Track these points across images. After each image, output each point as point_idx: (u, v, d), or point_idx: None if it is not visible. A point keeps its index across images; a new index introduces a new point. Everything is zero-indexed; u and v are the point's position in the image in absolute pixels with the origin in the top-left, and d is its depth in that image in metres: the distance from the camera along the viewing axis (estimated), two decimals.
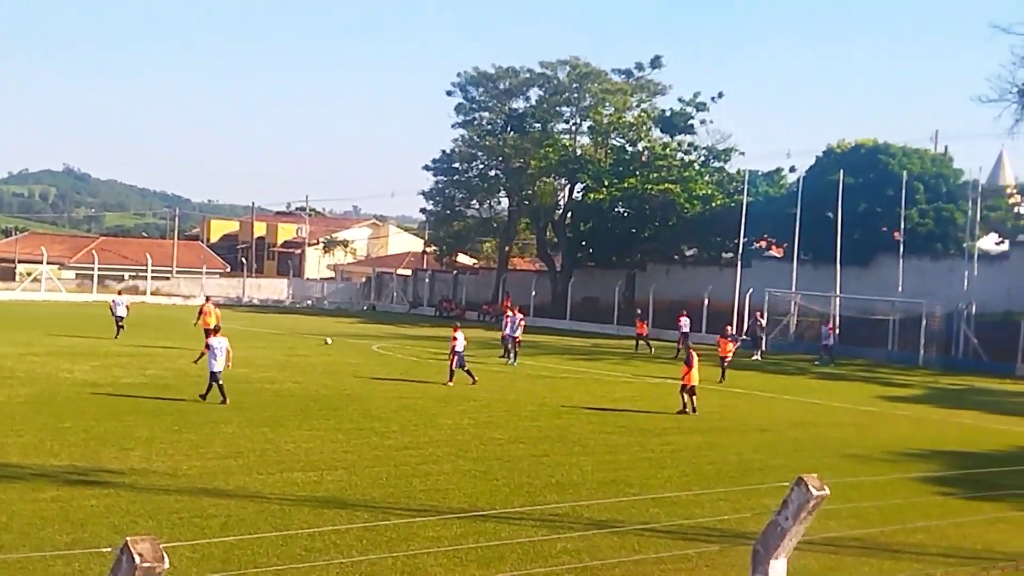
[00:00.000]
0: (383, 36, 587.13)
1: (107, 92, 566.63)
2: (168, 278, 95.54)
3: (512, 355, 41.16)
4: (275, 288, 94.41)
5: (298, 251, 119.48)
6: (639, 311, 57.93)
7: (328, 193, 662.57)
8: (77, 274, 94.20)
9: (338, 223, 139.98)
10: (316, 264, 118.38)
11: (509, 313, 44.33)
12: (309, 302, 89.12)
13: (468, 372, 32.59)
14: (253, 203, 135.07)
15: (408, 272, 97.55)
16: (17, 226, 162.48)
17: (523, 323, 42.94)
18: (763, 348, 53.84)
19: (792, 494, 6.53)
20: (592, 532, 14.34)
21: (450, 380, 32.21)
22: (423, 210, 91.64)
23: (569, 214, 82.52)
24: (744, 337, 52.93)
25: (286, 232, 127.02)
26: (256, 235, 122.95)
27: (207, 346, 25.98)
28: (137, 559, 4.38)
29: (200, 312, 41.11)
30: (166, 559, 4.53)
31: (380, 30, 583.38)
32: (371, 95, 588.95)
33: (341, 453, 19.63)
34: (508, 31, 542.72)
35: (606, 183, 74.96)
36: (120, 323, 44.93)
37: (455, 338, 32.76)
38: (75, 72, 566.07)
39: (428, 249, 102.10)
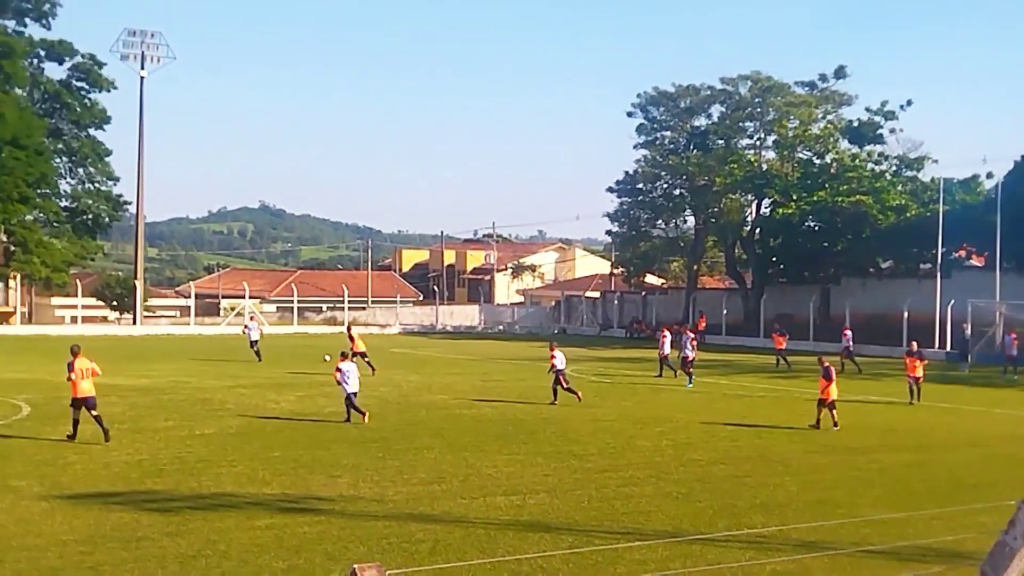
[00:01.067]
0: (563, 61, 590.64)
1: (298, 131, 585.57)
2: (364, 308, 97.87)
3: (682, 375, 40.91)
4: (467, 314, 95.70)
5: (487, 277, 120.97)
6: (777, 325, 56.37)
7: (514, 219, 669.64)
8: (278, 307, 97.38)
9: (525, 248, 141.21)
10: (505, 289, 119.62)
11: (666, 332, 44.20)
12: (500, 327, 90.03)
13: (570, 390, 32.49)
14: (442, 232, 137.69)
15: (596, 294, 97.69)
16: (219, 263, 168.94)
17: (695, 342, 42.32)
18: (970, 360, 51.96)
19: (1020, 513, 6.26)
20: (802, 555, 14.02)
21: (555, 399, 32.31)
22: (609, 232, 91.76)
23: (757, 230, 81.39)
24: (951, 350, 51.11)
25: (475, 259, 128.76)
26: (446, 263, 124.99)
27: (338, 369, 27.14)
28: None
29: (351, 338, 42.32)
30: None
31: (560, 55, 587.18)
32: (553, 120, 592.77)
33: (542, 477, 19.72)
34: (687, 49, 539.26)
35: (794, 197, 73.69)
36: (255, 347, 47.61)
37: (553, 356, 32.76)
38: (266, 113, 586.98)
39: (615, 271, 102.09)
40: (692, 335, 42.23)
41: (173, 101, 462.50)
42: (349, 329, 43.36)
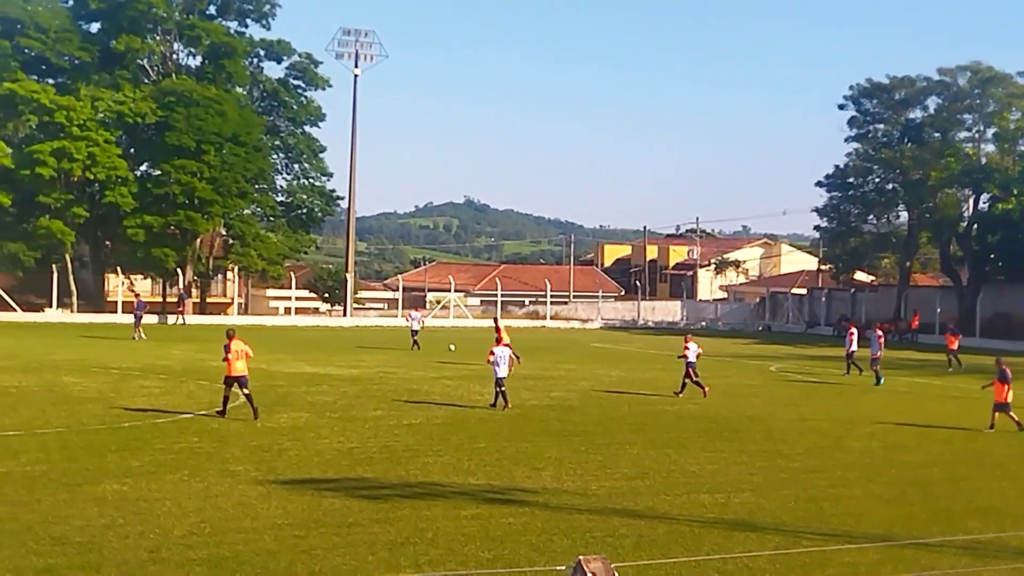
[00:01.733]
0: (771, 53, 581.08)
1: (501, 127, 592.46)
2: (566, 302, 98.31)
3: (868, 372, 39.83)
4: (668, 310, 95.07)
5: (690, 273, 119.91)
6: (950, 325, 53.82)
7: (718, 214, 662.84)
8: (482, 300, 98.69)
9: (729, 243, 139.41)
10: (708, 285, 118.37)
11: (853, 330, 43.11)
12: (703, 323, 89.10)
13: (698, 384, 32.51)
14: (644, 227, 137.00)
15: (803, 291, 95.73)
16: (425, 256, 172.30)
17: (882, 340, 40.95)
18: None
19: None
20: (1021, 564, 13.45)
21: (681, 391, 32.62)
22: (817, 227, 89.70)
23: (974, 226, 78.40)
24: None
25: (677, 254, 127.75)
26: (648, 258, 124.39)
27: (491, 352, 28.81)
28: None
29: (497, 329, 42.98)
30: None
31: (767, 47, 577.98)
32: (759, 113, 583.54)
33: (747, 475, 19.45)
34: (902, 40, 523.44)
35: (1015, 192, 70.65)
36: (415, 337, 49.98)
37: (687, 348, 32.88)
38: (472, 110, 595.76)
39: (823, 267, 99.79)
40: (880, 333, 41.02)
41: (384, 98, 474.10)
42: (496, 322, 43.97)
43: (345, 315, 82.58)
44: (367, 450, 20.98)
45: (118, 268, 76.11)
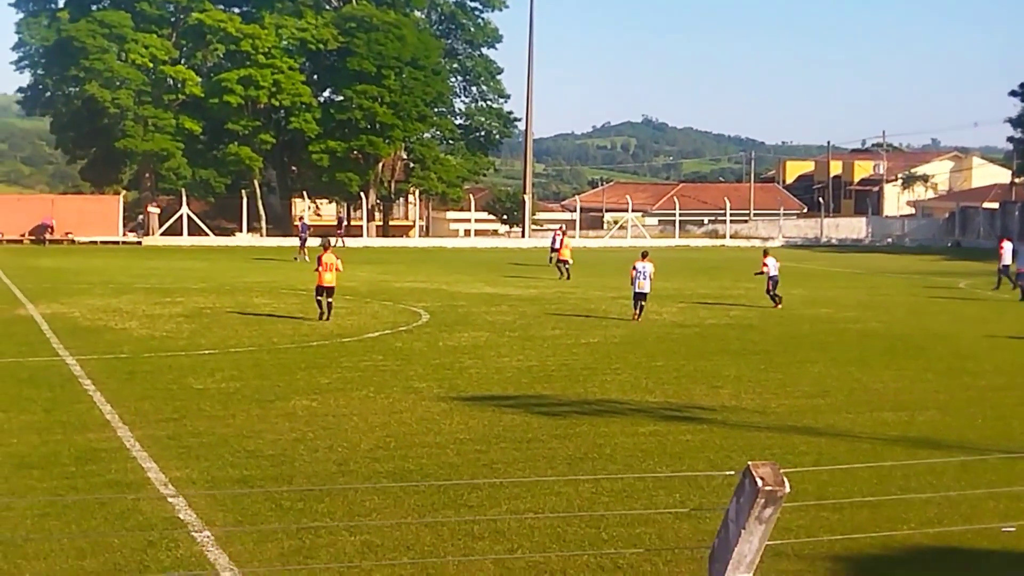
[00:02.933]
0: None
1: (679, 43, 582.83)
2: (746, 221, 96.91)
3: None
4: (853, 227, 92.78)
5: (875, 188, 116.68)
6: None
7: (905, 127, 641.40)
8: (659, 220, 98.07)
9: (917, 158, 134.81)
10: (895, 201, 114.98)
11: (1003, 243, 41.73)
12: (889, 240, 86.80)
13: (774, 296, 33.20)
14: (828, 142, 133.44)
15: (995, 205, 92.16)
16: (602, 177, 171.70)
17: None
18: None
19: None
20: None
21: (778, 303, 33.03)
22: (1011, 139, 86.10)
23: None
24: None
25: (862, 170, 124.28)
26: (832, 174, 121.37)
27: (633, 267, 29.91)
28: (760, 482, 4.51)
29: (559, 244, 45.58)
30: (786, 483, 4.62)
31: None
32: (946, 21, 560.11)
33: (932, 393, 19.05)
34: None
35: None
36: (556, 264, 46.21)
37: (765, 264, 33.40)
38: (648, 28, 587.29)
39: (1017, 180, 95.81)
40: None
41: (560, 18, 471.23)
42: (559, 235, 44.04)
43: (523, 236, 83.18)
44: (546, 368, 21.26)
45: (304, 192, 78.13)
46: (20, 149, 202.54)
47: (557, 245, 48.16)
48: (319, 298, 28.36)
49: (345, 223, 73.75)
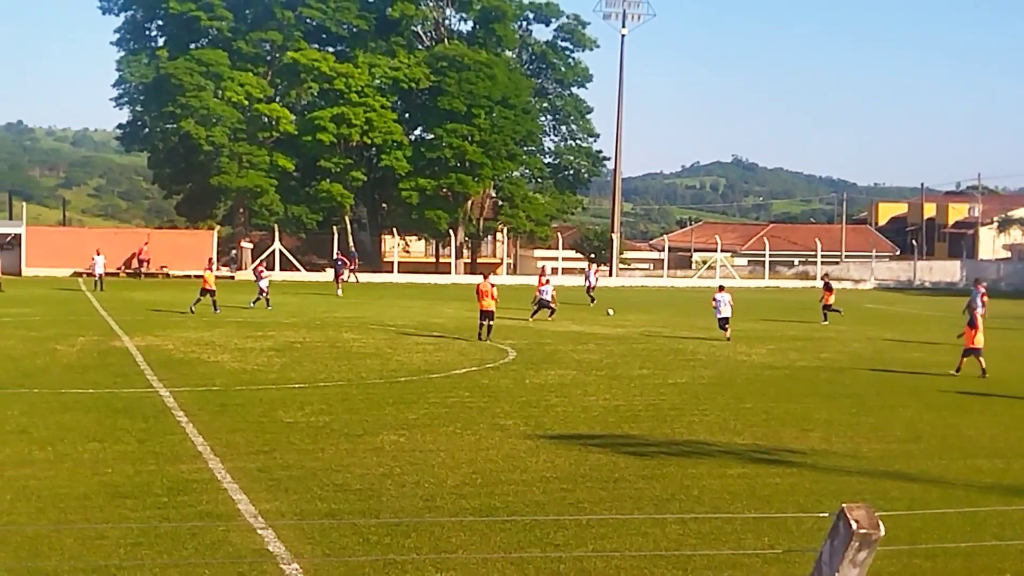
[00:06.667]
0: None
1: (769, 83, 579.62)
2: (837, 262, 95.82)
3: None
4: (947, 270, 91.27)
5: (970, 231, 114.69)
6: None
7: (1001, 169, 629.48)
8: (749, 261, 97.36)
9: (1013, 201, 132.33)
10: (990, 244, 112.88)
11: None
12: (984, 284, 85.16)
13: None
14: (922, 184, 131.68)
15: None
16: (691, 217, 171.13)
17: None
18: None
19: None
20: None
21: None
22: None
23: None
24: None
25: (957, 212, 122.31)
26: (925, 216, 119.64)
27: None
28: (854, 525, 4.46)
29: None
30: (881, 527, 4.56)
31: None
32: None
33: None
34: None
35: None
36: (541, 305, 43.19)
37: (715, 300, 35.65)
38: (740, 67, 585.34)
39: None
40: None
41: (651, 58, 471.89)
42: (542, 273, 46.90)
43: (611, 275, 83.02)
44: (632, 408, 21.16)
45: (394, 229, 78.89)
46: (118, 184, 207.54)
47: (593, 282, 53.95)
48: (482, 322, 33.32)
49: (355, 257, 71.61)
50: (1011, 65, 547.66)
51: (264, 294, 44.64)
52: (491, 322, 33.36)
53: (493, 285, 34.73)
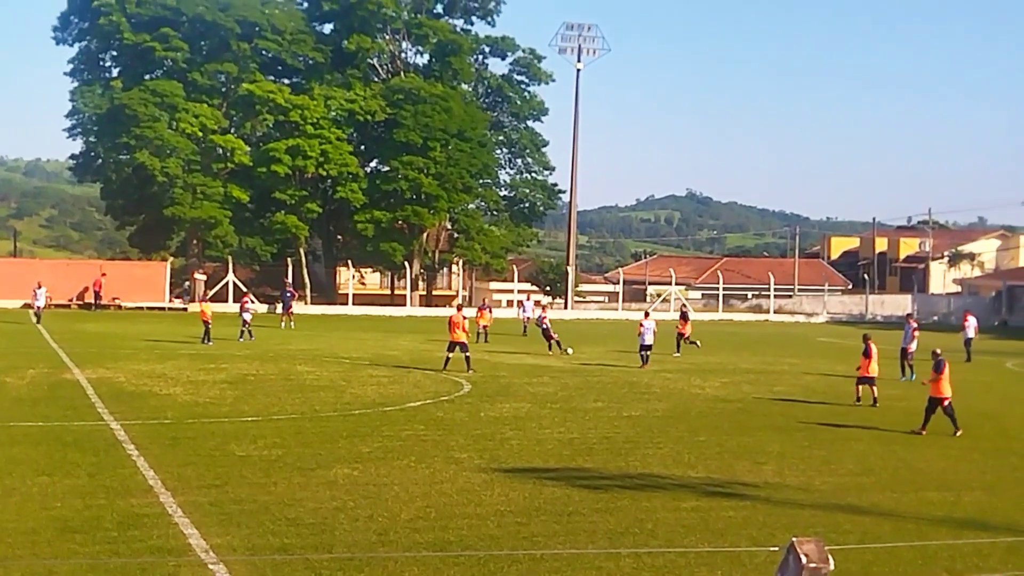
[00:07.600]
0: (1009, 33, 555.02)
1: (724, 118, 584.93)
2: (790, 296, 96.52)
3: None
4: (898, 304, 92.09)
5: (921, 266, 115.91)
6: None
7: (951, 204, 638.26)
8: (703, 294, 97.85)
9: (963, 235, 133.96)
10: (941, 279, 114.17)
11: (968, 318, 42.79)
12: (935, 318, 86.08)
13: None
14: (874, 218, 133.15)
15: None
16: (645, 250, 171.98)
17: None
18: None
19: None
20: None
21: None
22: None
23: None
24: None
25: (908, 247, 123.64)
26: (877, 251, 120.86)
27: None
28: (803, 559, 4.50)
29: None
30: (831, 561, 4.60)
31: (1004, 27, 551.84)
32: (993, 99, 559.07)
33: (978, 474, 18.84)
34: None
35: None
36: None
37: (642, 325, 36.93)
38: (692, 102, 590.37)
39: None
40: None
41: (606, 92, 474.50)
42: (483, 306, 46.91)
43: (567, 308, 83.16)
44: (587, 441, 21.19)
45: (349, 261, 78.70)
46: (70, 215, 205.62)
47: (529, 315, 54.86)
48: (450, 353, 33.79)
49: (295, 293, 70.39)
50: (962, 101, 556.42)
51: (247, 326, 44.62)
52: (467, 353, 34.03)
53: (465, 317, 35.51)
